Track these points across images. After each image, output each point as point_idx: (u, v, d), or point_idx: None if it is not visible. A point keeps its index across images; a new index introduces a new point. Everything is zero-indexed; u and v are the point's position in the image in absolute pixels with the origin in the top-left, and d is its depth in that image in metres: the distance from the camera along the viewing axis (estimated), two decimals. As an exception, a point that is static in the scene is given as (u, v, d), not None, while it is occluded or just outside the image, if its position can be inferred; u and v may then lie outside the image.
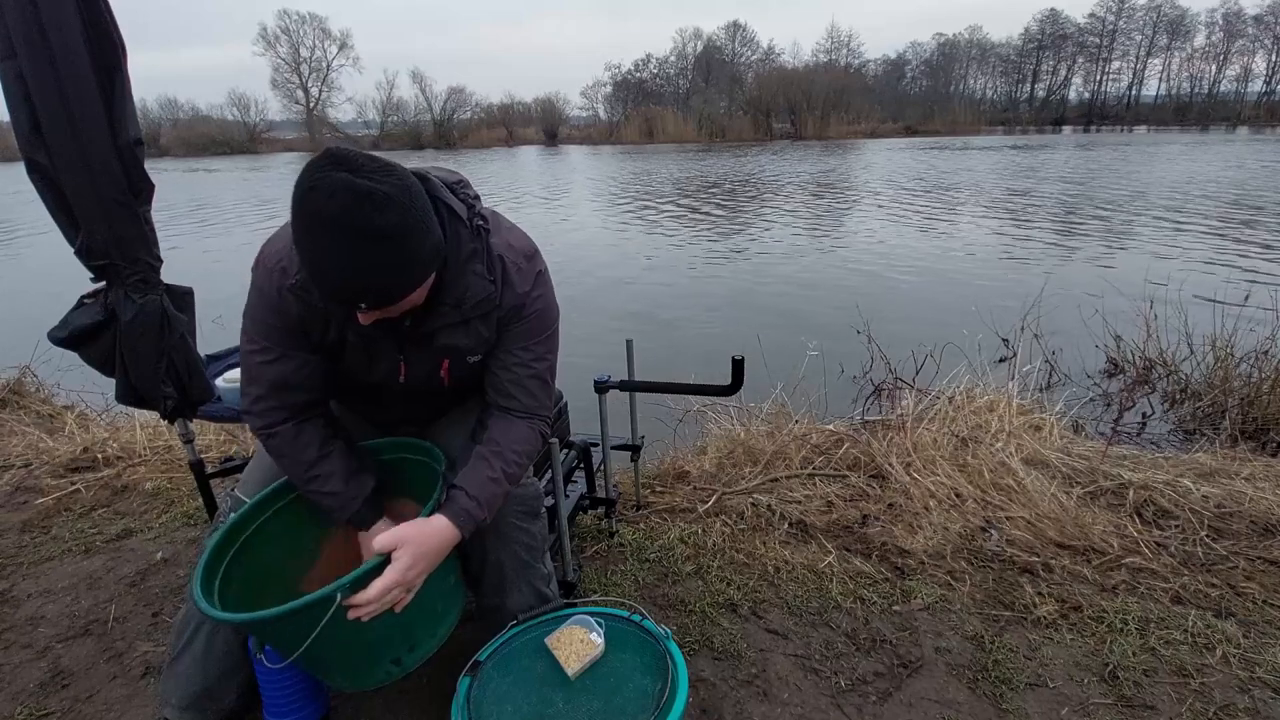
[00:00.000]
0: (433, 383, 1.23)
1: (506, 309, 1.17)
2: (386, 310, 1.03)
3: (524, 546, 1.30)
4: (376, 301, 0.99)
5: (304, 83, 54.12)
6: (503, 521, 1.25)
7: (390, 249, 0.94)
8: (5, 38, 1.38)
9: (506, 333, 1.20)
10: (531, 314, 1.19)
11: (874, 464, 2.42)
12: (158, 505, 2.41)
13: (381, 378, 1.22)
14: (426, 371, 1.21)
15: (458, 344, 1.18)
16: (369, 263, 0.93)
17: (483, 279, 1.12)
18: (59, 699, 1.54)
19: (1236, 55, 57.40)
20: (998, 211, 12.12)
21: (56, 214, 1.53)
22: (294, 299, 1.10)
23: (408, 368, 1.20)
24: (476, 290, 1.12)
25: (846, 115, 53.01)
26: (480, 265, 1.12)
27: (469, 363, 1.21)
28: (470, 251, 1.11)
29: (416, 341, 1.17)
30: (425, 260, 1.01)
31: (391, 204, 0.91)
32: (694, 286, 7.42)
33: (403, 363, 1.20)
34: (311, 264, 0.95)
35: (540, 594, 1.35)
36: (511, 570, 1.30)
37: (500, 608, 1.32)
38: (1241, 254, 7.96)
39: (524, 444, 1.21)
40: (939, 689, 1.49)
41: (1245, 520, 2.01)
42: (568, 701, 1.08)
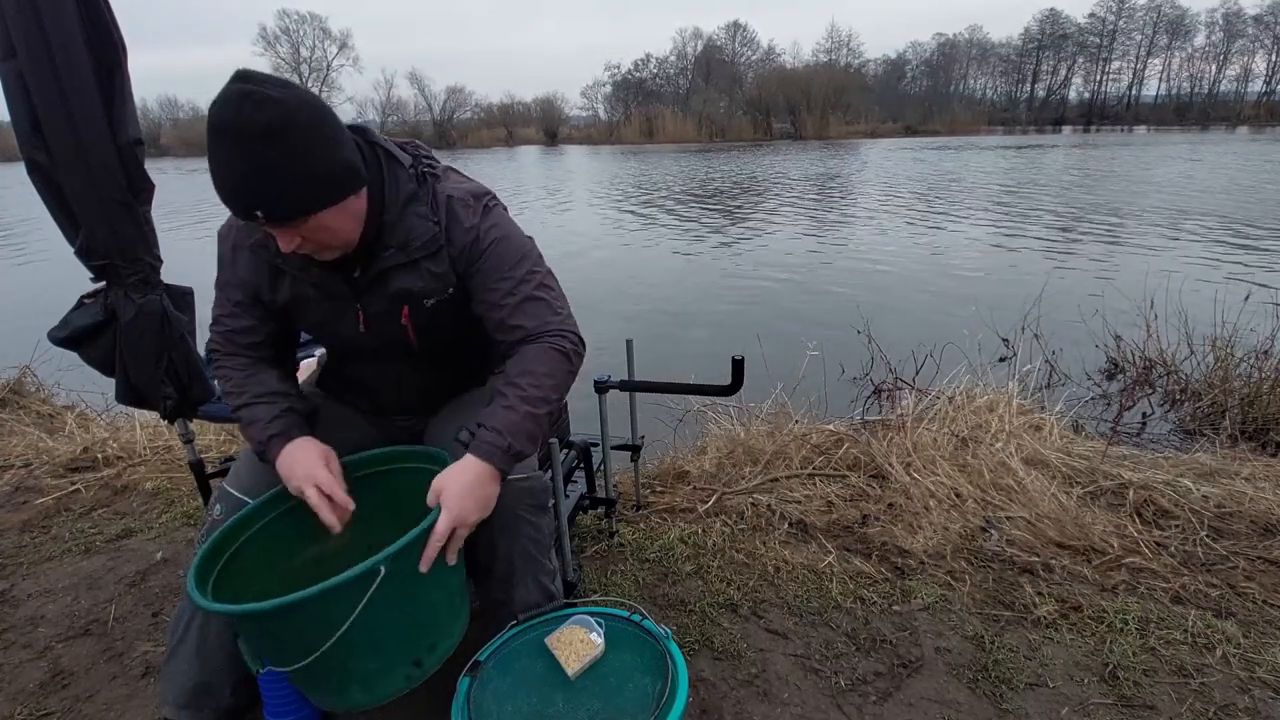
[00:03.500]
0: (397, 336, 1.22)
1: (460, 246, 1.17)
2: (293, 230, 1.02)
3: (532, 540, 1.28)
4: (270, 211, 0.98)
5: (304, 83, 54.04)
6: (511, 514, 1.24)
7: (270, 150, 0.93)
8: (5, 38, 1.39)
9: (477, 274, 1.18)
10: (490, 243, 1.17)
11: (874, 464, 2.42)
12: (158, 505, 2.41)
13: (344, 332, 1.23)
14: (386, 321, 1.21)
15: (410, 287, 1.17)
16: (254, 165, 0.94)
17: (426, 220, 1.14)
18: (59, 699, 1.54)
19: (1236, 55, 57.46)
20: (997, 211, 12.12)
21: (56, 214, 1.53)
22: (251, 257, 1.17)
23: (365, 316, 1.20)
24: (420, 231, 1.14)
25: (846, 115, 53.09)
26: (423, 207, 1.15)
27: (427, 307, 1.19)
28: (410, 194, 1.14)
29: (370, 289, 1.18)
30: (322, 173, 0.99)
31: (272, 103, 0.92)
32: (694, 286, 7.42)
33: (359, 310, 1.20)
34: (212, 175, 0.98)
35: (546, 590, 1.34)
36: (520, 563, 1.28)
37: (506, 602, 1.30)
38: (1242, 254, 7.95)
39: (538, 364, 1.15)
40: (939, 689, 1.49)
41: (1245, 520, 2.01)
42: (568, 701, 1.08)
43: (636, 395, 2.05)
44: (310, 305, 1.21)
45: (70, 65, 1.40)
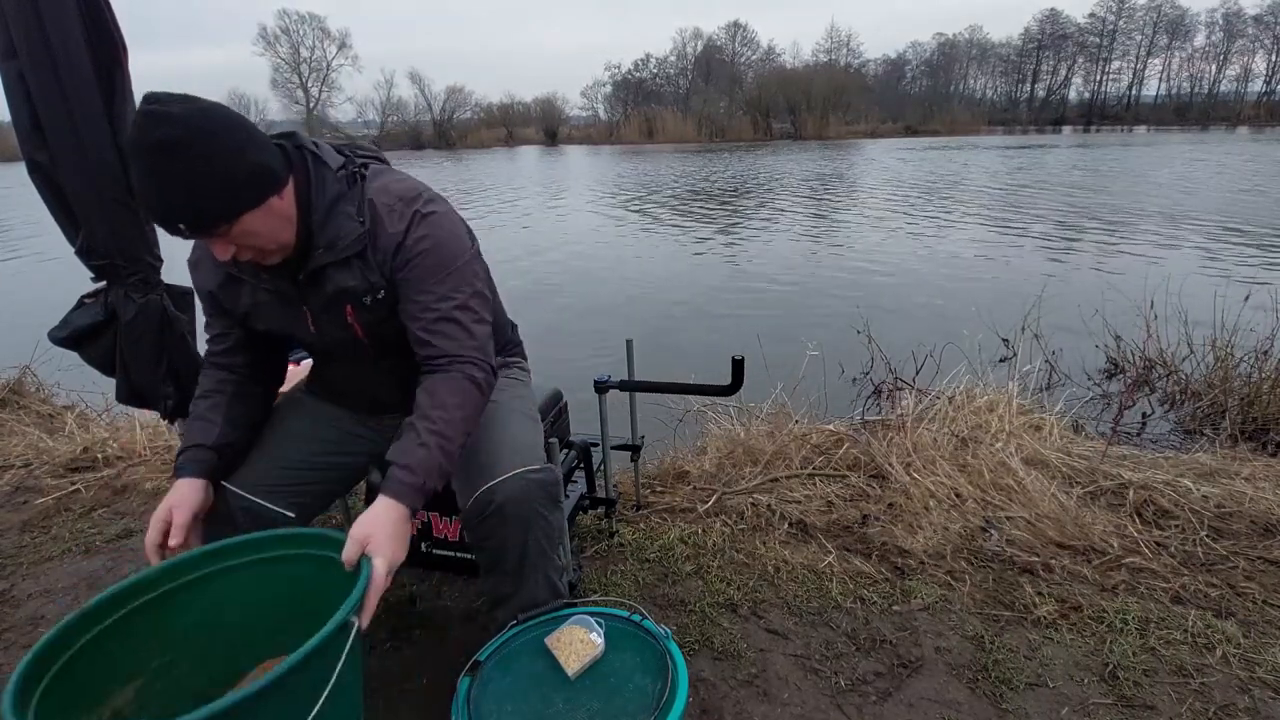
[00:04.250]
0: (346, 335, 1.23)
1: (384, 252, 1.16)
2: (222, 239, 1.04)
3: (544, 534, 1.27)
4: (191, 223, 1.00)
5: (304, 83, 54.17)
6: (527, 507, 1.23)
7: (176, 163, 0.96)
8: (6, 38, 1.39)
9: (402, 283, 1.18)
10: (417, 254, 1.16)
11: (874, 464, 2.42)
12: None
13: (300, 335, 1.26)
14: (333, 321, 1.22)
15: (347, 285, 1.18)
16: (164, 180, 0.97)
17: (351, 219, 1.16)
18: (59, 699, 1.54)
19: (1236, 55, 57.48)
20: (997, 211, 12.12)
21: (57, 214, 1.53)
22: (211, 267, 1.22)
23: (313, 317, 1.22)
24: (347, 230, 1.15)
25: (846, 115, 53.09)
26: (350, 207, 1.16)
27: (367, 305, 1.20)
28: (337, 194, 1.15)
29: (312, 289, 1.20)
30: (231, 178, 1.00)
31: (173, 119, 0.95)
32: (694, 286, 7.42)
33: (307, 312, 1.22)
34: (135, 188, 1.01)
35: (554, 586, 1.33)
36: (533, 556, 1.27)
37: (513, 595, 1.29)
38: (1242, 253, 7.96)
39: (449, 396, 1.15)
40: (939, 689, 1.49)
41: (1245, 520, 2.01)
42: (568, 701, 1.08)
43: (636, 395, 2.05)
44: (266, 310, 1.24)
45: (71, 65, 1.40)
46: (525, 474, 1.22)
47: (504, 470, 1.22)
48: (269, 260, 1.13)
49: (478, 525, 1.24)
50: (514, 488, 1.21)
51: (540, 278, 8.02)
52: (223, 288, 1.24)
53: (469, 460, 1.26)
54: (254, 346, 1.33)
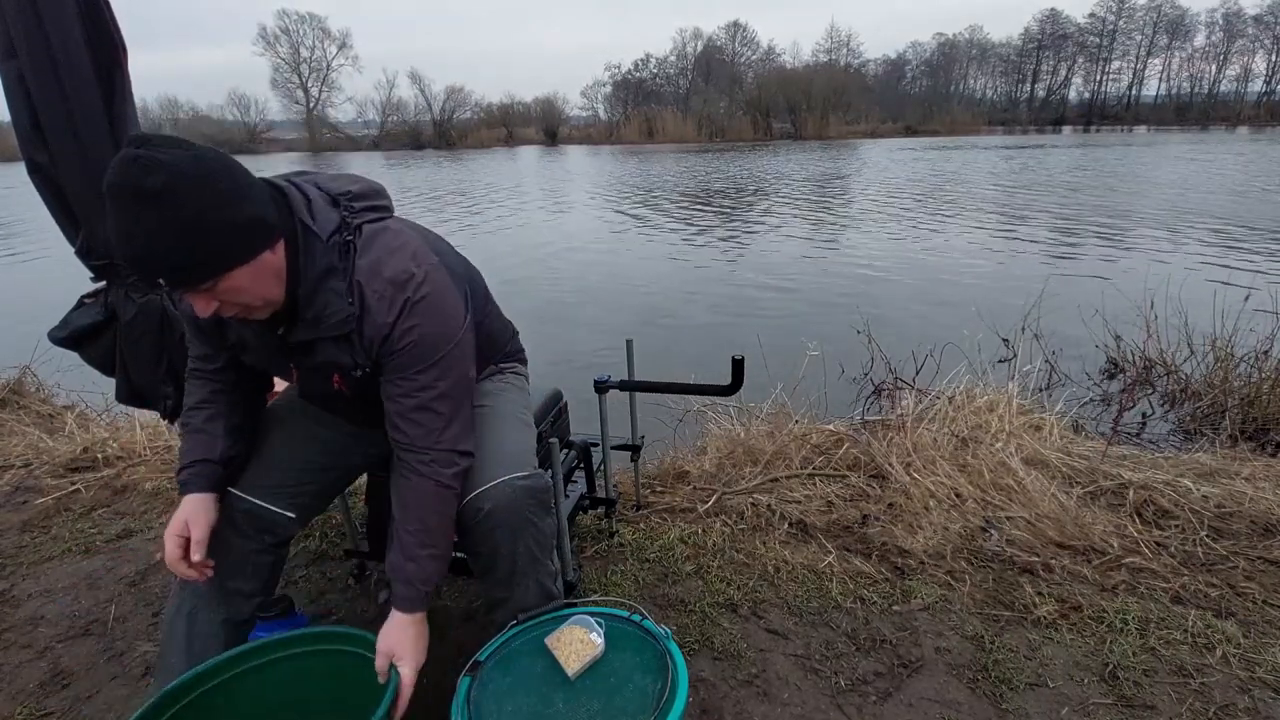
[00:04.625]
0: (332, 392, 1.22)
1: (371, 340, 1.12)
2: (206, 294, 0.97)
3: (535, 541, 1.28)
4: (172, 277, 0.93)
5: (304, 83, 54.18)
6: (517, 515, 1.24)
7: (163, 213, 0.89)
8: (6, 38, 1.39)
9: (386, 363, 1.15)
10: (404, 346, 1.12)
11: (874, 464, 2.42)
12: (158, 505, 2.41)
13: (287, 379, 1.26)
14: (319, 382, 1.21)
15: (337, 360, 1.15)
16: (145, 228, 0.89)
17: (341, 298, 1.09)
18: (59, 699, 1.54)
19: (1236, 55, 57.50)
20: (997, 212, 12.12)
21: (57, 214, 1.54)
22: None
23: (300, 375, 1.22)
24: (334, 309, 1.09)
25: (846, 115, 53.09)
26: (340, 284, 1.09)
27: (356, 377, 1.18)
28: (326, 268, 1.07)
29: (299, 353, 1.16)
30: (221, 231, 0.93)
31: (161, 167, 0.88)
32: (694, 286, 7.42)
33: (294, 369, 1.21)
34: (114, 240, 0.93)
35: (546, 590, 1.34)
36: (523, 563, 1.28)
37: (506, 601, 1.31)
38: (1242, 253, 7.95)
39: (421, 507, 1.16)
40: (939, 689, 1.49)
41: (1245, 520, 2.01)
42: (568, 701, 1.07)
43: (636, 395, 2.05)
44: (252, 348, 1.20)
45: (70, 65, 1.40)
46: (514, 481, 1.22)
47: (492, 477, 1.22)
48: (254, 315, 1.07)
49: (469, 532, 1.24)
50: (502, 495, 1.21)
51: (540, 277, 8.02)
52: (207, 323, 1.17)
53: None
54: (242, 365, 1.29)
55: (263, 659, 1.17)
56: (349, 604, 1.84)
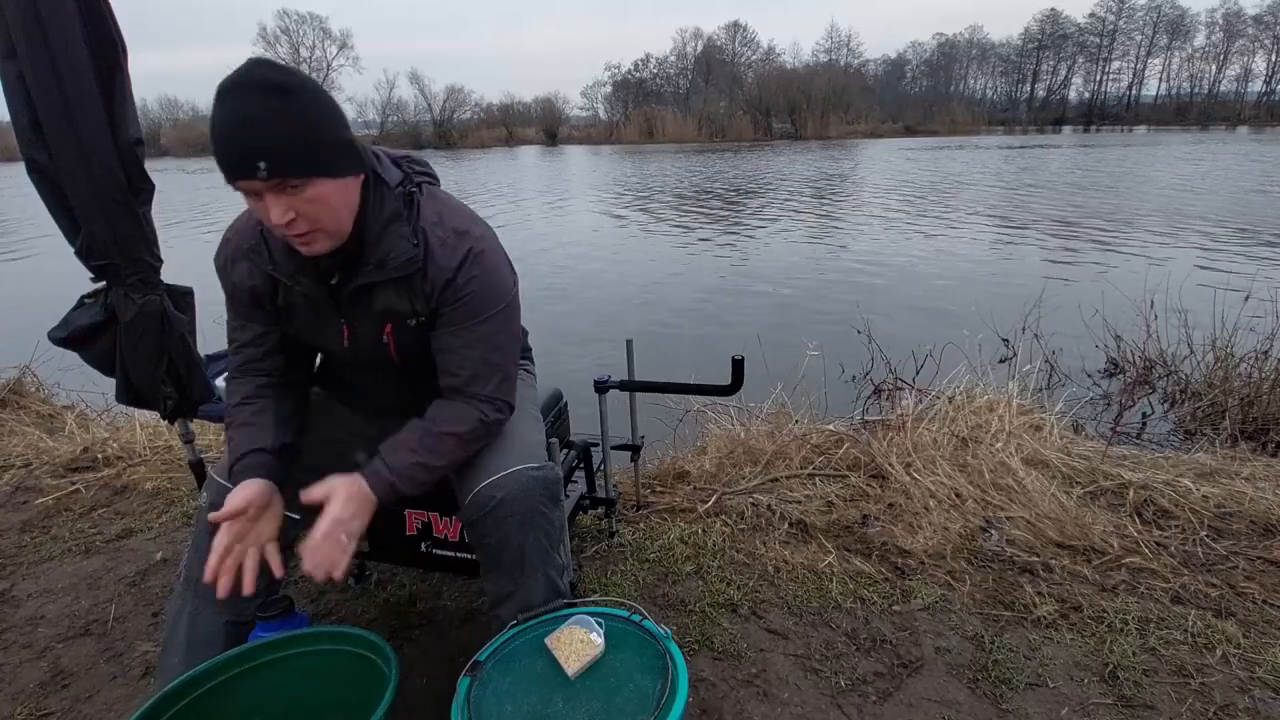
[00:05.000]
0: (381, 353, 1.23)
1: (435, 284, 1.16)
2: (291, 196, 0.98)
3: (545, 533, 1.27)
4: (274, 163, 0.95)
5: (304, 82, 54.03)
6: (528, 505, 1.23)
7: (285, 105, 0.95)
8: (6, 38, 1.39)
9: (444, 312, 1.19)
10: (465, 295, 1.17)
11: (874, 464, 2.42)
12: (158, 505, 2.41)
13: (329, 344, 1.25)
14: (370, 337, 1.22)
15: (395, 307, 1.18)
16: (261, 115, 0.94)
17: (406, 241, 1.13)
18: (59, 699, 1.54)
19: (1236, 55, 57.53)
20: (998, 212, 12.12)
21: (57, 214, 1.53)
22: (246, 264, 1.19)
23: (350, 331, 1.21)
24: (400, 252, 1.13)
25: (846, 115, 53.10)
26: (405, 228, 1.14)
27: (410, 327, 1.20)
28: (393, 213, 1.13)
29: (354, 303, 1.18)
30: (329, 139, 1.00)
31: (287, 71, 0.97)
32: (694, 286, 7.42)
33: (345, 325, 1.21)
34: (215, 131, 0.96)
35: (554, 585, 1.32)
36: (532, 555, 1.27)
37: (512, 595, 1.29)
38: (1242, 254, 7.95)
39: (454, 424, 1.19)
40: (939, 689, 1.49)
41: (1245, 520, 2.01)
42: (568, 701, 1.07)
43: (636, 395, 2.05)
44: (298, 315, 1.22)
45: (70, 65, 1.40)
46: (526, 470, 1.23)
47: (505, 466, 1.23)
48: (314, 245, 1.06)
49: (478, 522, 1.24)
50: (515, 484, 1.22)
51: (540, 277, 8.02)
52: (258, 282, 1.20)
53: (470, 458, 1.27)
54: (289, 348, 1.30)
55: (263, 659, 1.17)
56: (349, 604, 1.84)
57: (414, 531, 1.70)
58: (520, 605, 1.28)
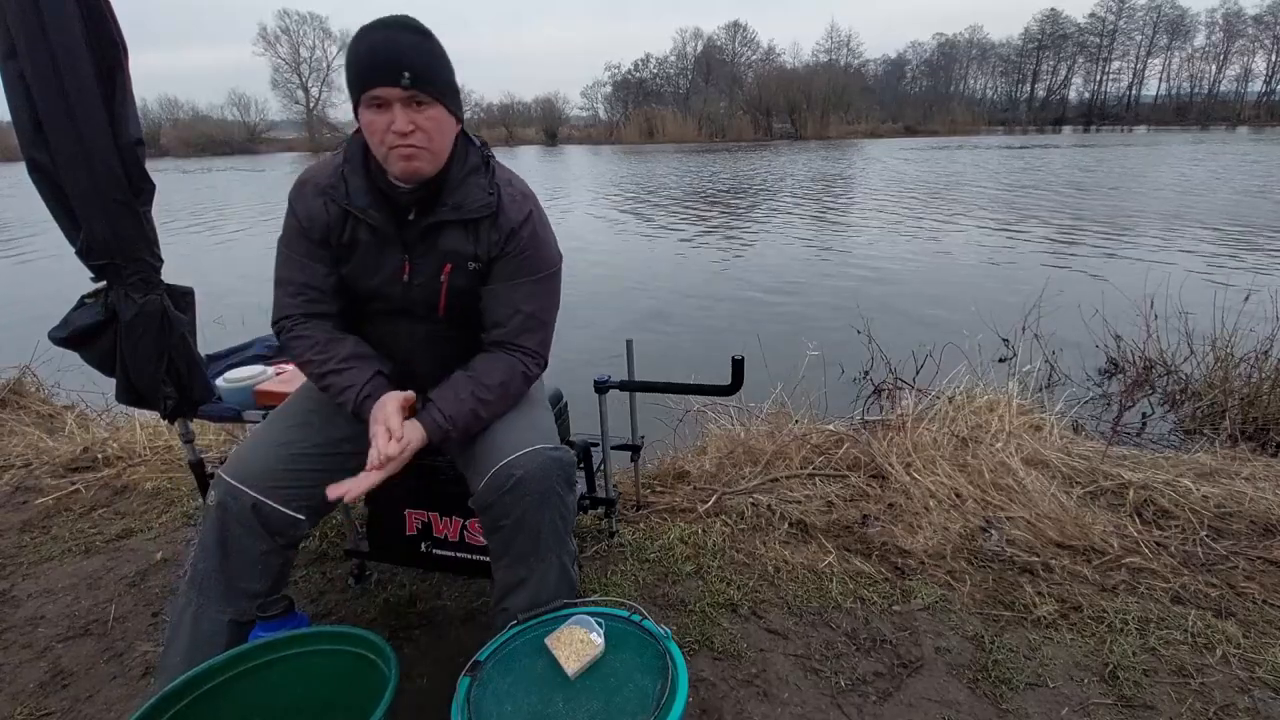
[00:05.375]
0: (432, 294, 1.31)
1: (501, 232, 1.29)
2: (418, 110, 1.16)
3: (560, 516, 1.28)
4: (419, 75, 1.14)
5: (304, 82, 54.18)
6: (546, 485, 1.24)
7: (426, 41, 1.17)
8: (6, 38, 1.38)
9: (501, 263, 1.30)
10: (525, 250, 1.30)
11: (874, 464, 2.42)
12: (158, 505, 2.41)
13: (383, 282, 1.31)
14: (429, 274, 1.30)
15: (459, 248, 1.29)
16: (411, 40, 1.15)
17: (483, 190, 1.28)
18: (59, 699, 1.54)
19: (1236, 55, 57.54)
20: (997, 212, 12.12)
21: (57, 213, 1.53)
22: (320, 199, 1.28)
23: (410, 268, 1.30)
24: (476, 197, 1.27)
25: (846, 115, 53.11)
26: (484, 180, 1.29)
27: (468, 270, 1.30)
28: (474, 165, 1.29)
29: (421, 241, 1.29)
30: (452, 78, 1.21)
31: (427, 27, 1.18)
32: (694, 286, 7.42)
33: (407, 261, 1.29)
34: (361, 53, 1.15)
35: (567, 572, 1.32)
36: (549, 536, 1.28)
37: (525, 582, 1.29)
38: (1242, 254, 7.95)
39: (501, 374, 1.30)
40: (939, 689, 1.49)
41: (1245, 520, 2.01)
42: (568, 701, 1.07)
43: (636, 395, 2.05)
44: (362, 251, 1.30)
45: (71, 65, 1.40)
46: (545, 450, 1.25)
47: (524, 445, 1.25)
48: (416, 162, 1.19)
49: (495, 504, 1.24)
50: (534, 463, 1.24)
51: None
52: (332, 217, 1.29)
53: (487, 439, 1.29)
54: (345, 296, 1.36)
55: (263, 659, 1.17)
56: (349, 604, 1.84)
57: (414, 531, 1.70)
58: (534, 592, 1.28)
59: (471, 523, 1.64)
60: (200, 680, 1.11)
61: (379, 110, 1.16)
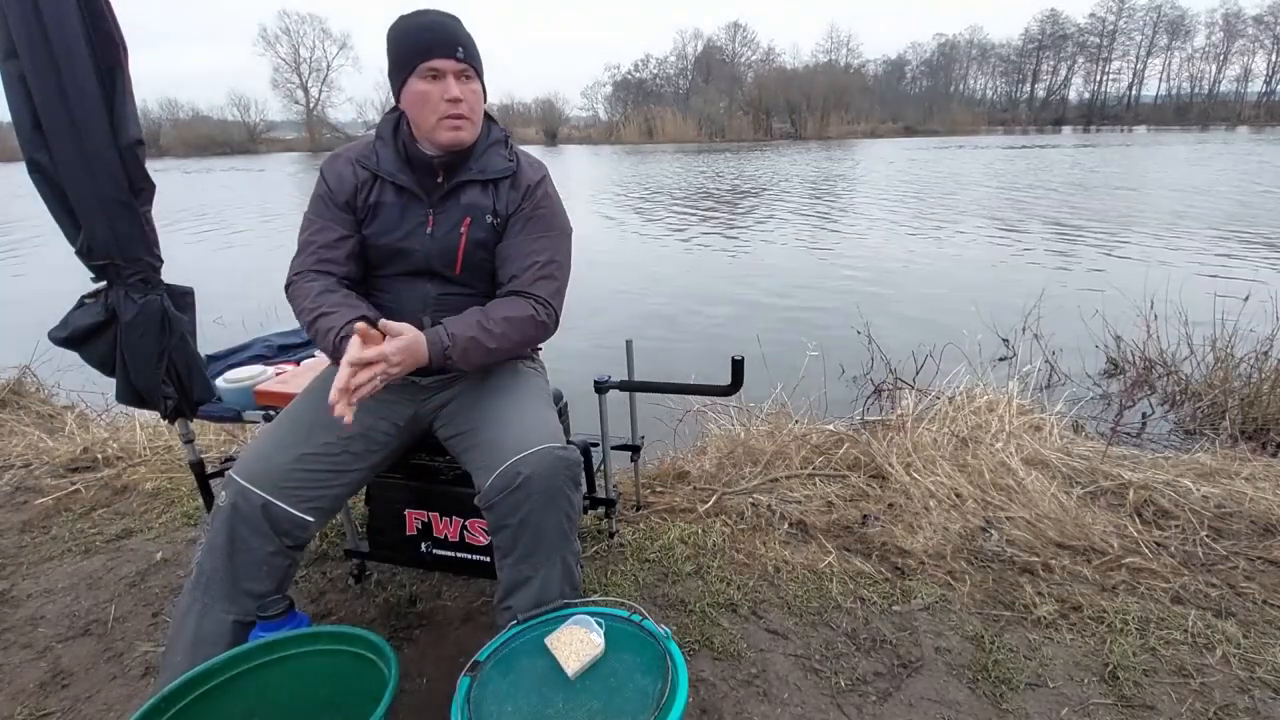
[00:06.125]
0: (451, 247, 1.40)
1: (519, 189, 1.43)
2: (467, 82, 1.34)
3: (566, 515, 1.29)
4: (468, 52, 1.32)
5: (304, 83, 54.23)
6: (552, 484, 1.25)
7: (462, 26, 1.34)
8: (6, 38, 1.38)
9: (518, 217, 1.43)
10: (541, 207, 1.44)
11: (874, 464, 2.42)
12: (158, 505, 2.41)
13: (407, 236, 1.40)
14: (451, 226, 1.40)
15: (479, 203, 1.41)
16: (454, 23, 1.33)
17: (503, 158, 1.44)
18: (59, 699, 1.54)
19: (1236, 55, 57.55)
20: (997, 212, 12.12)
21: (57, 214, 1.53)
22: (350, 168, 1.41)
23: (434, 221, 1.40)
24: (497, 162, 1.43)
25: (846, 115, 53.09)
26: (504, 150, 1.46)
27: (486, 223, 1.41)
28: (497, 138, 1.46)
29: (445, 199, 1.41)
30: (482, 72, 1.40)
31: None
32: (694, 286, 7.42)
33: (431, 215, 1.40)
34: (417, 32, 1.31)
35: (571, 572, 1.33)
36: (553, 536, 1.28)
37: (530, 581, 1.29)
38: (1242, 253, 7.95)
39: (512, 311, 1.37)
40: (939, 689, 1.49)
41: (1245, 520, 2.01)
42: (568, 701, 1.07)
43: (636, 395, 2.05)
44: (387, 211, 1.40)
45: (71, 65, 1.40)
46: (552, 449, 1.26)
47: (532, 444, 1.26)
48: (462, 131, 1.35)
49: (500, 502, 1.25)
50: (541, 461, 1.24)
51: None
52: (361, 180, 1.41)
53: (494, 437, 1.30)
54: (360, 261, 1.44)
55: (263, 659, 1.17)
56: (349, 604, 1.84)
57: (414, 531, 1.70)
58: (538, 591, 1.28)
59: (471, 523, 1.64)
60: (201, 680, 1.11)
61: (434, 80, 1.31)
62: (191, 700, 1.10)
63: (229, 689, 1.14)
